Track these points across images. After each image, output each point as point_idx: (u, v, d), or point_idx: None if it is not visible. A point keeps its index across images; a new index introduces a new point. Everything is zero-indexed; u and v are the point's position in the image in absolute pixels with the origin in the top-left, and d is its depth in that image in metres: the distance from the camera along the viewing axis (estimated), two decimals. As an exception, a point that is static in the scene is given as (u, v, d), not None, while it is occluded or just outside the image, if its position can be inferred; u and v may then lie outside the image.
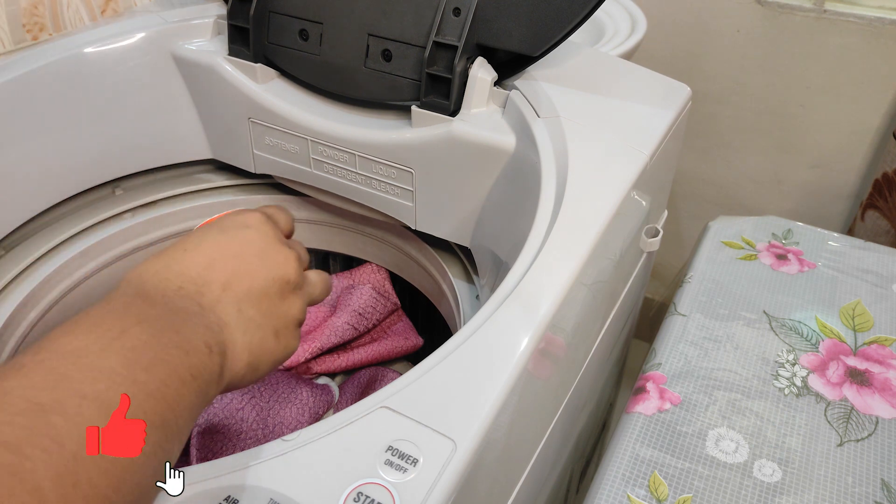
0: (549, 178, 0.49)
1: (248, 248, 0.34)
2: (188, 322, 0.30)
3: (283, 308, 0.35)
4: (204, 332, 0.30)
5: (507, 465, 0.42)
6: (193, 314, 0.30)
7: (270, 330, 0.34)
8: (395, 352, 0.69)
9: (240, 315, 0.32)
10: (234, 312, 0.32)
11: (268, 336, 0.34)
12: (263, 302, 0.34)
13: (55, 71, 0.59)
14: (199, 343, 0.29)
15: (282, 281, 0.35)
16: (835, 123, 1.01)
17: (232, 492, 0.31)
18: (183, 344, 0.28)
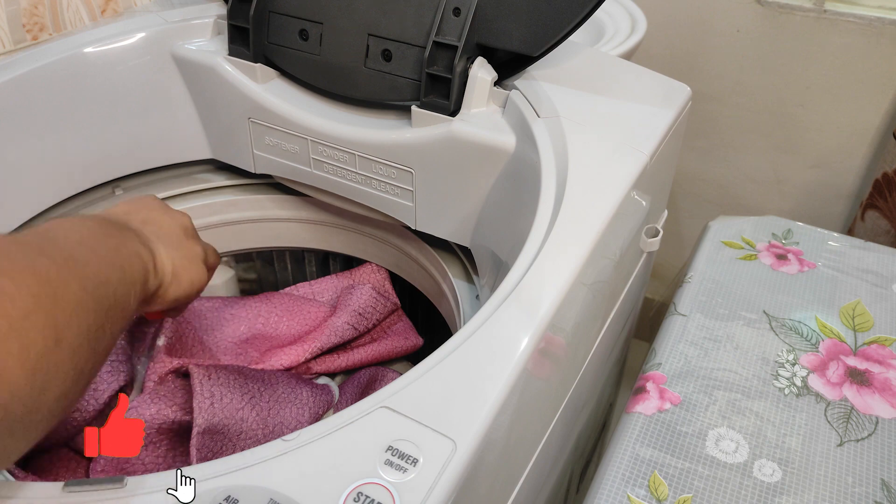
0: (549, 177, 0.49)
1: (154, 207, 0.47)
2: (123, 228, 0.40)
3: (187, 243, 0.46)
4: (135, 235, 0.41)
5: (507, 465, 0.42)
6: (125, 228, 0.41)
7: (184, 255, 0.44)
8: (395, 352, 0.69)
9: (158, 239, 0.43)
10: (154, 235, 0.43)
11: (182, 257, 0.44)
12: (173, 236, 0.45)
13: (55, 71, 0.59)
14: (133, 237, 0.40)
15: (183, 226, 0.47)
16: (835, 123, 1.01)
17: (232, 492, 0.31)
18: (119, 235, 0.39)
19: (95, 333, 0.31)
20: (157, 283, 0.41)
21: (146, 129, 0.66)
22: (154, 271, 0.41)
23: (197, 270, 0.46)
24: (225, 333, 0.65)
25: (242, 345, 0.65)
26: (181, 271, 0.43)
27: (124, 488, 0.32)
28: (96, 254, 0.34)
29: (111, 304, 0.33)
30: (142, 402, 0.53)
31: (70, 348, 0.29)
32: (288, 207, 0.72)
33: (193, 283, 0.45)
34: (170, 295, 0.43)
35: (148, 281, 0.39)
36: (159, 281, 0.41)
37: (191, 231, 0.48)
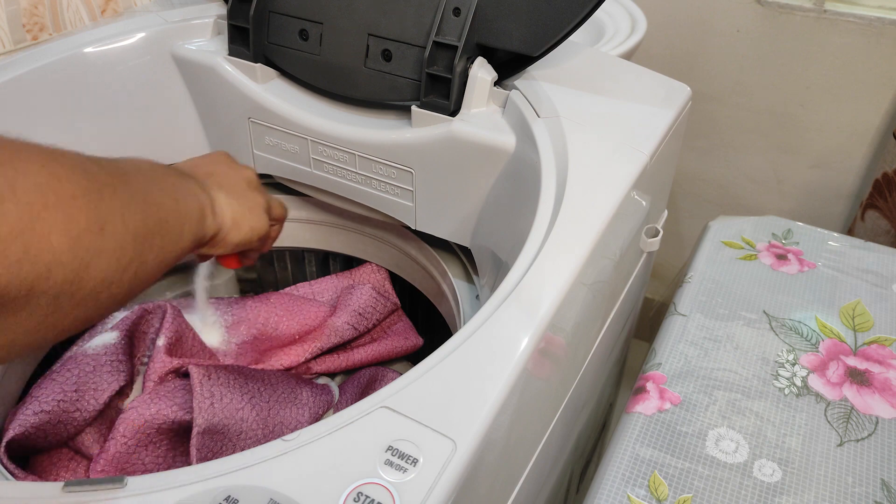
0: (549, 177, 0.49)
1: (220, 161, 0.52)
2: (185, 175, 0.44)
3: (250, 193, 0.50)
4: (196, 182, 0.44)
5: (507, 465, 0.42)
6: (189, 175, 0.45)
7: (244, 203, 0.48)
8: (395, 352, 0.69)
9: (220, 188, 0.47)
10: (216, 186, 0.47)
11: (242, 206, 0.48)
12: (235, 186, 0.49)
13: (55, 71, 0.59)
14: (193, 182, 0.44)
15: (247, 178, 0.51)
16: (835, 123, 1.01)
17: (232, 492, 0.31)
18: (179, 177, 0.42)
19: (142, 239, 0.34)
20: (215, 226, 0.45)
21: (146, 129, 0.66)
22: (212, 215, 0.45)
23: (257, 218, 0.49)
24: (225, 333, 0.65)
25: (242, 345, 0.65)
26: (241, 218, 0.47)
27: (124, 488, 0.32)
28: (151, 180, 0.38)
29: (161, 223, 0.37)
30: (142, 402, 0.53)
31: (113, 240, 0.32)
32: (288, 207, 0.72)
33: (254, 230, 0.49)
34: (231, 240, 0.47)
35: (205, 221, 0.43)
36: (218, 225, 0.45)
37: (254, 183, 0.52)
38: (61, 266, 0.29)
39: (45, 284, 0.29)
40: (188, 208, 0.42)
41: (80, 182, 0.31)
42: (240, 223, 0.48)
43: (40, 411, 0.51)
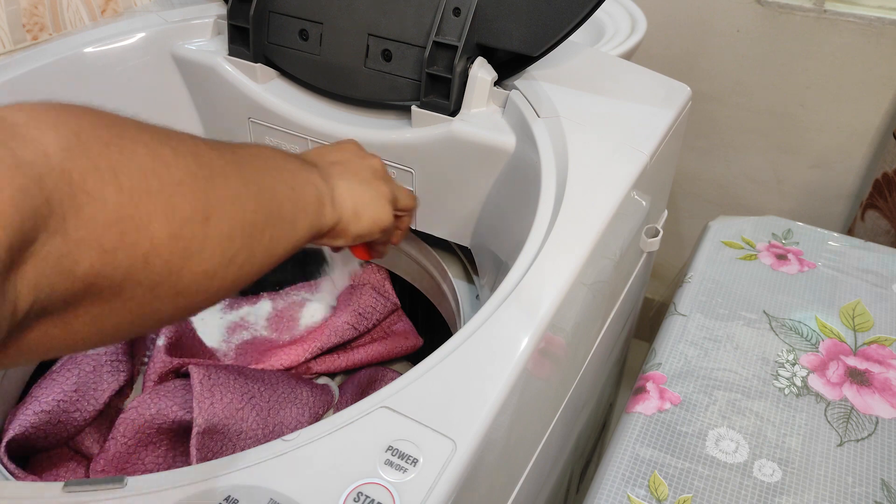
0: (549, 177, 0.49)
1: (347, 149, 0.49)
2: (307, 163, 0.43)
3: (375, 183, 0.47)
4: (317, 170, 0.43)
5: (507, 465, 0.42)
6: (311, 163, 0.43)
7: (367, 193, 0.46)
8: (395, 352, 0.69)
9: (342, 176, 0.45)
10: (338, 174, 0.45)
11: (365, 195, 0.46)
12: (359, 175, 0.46)
13: (55, 71, 0.59)
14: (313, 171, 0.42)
15: (372, 168, 0.48)
16: (835, 123, 1.01)
17: (232, 492, 0.31)
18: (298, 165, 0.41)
19: (251, 230, 0.33)
20: (334, 217, 0.43)
21: (146, 129, 0.66)
22: (331, 205, 0.42)
23: (380, 209, 0.47)
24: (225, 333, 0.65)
25: (242, 345, 0.65)
26: (362, 209, 0.45)
27: (124, 488, 0.32)
28: (267, 168, 0.36)
29: (275, 213, 0.35)
30: (142, 402, 0.53)
31: (219, 230, 0.30)
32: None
33: (376, 221, 0.46)
34: (352, 231, 0.45)
35: (323, 212, 0.41)
36: (337, 216, 0.43)
37: (380, 172, 0.49)
38: (160, 256, 0.27)
39: (140, 274, 0.27)
40: (305, 198, 0.39)
41: (188, 167, 0.29)
42: (361, 214, 0.45)
43: (40, 411, 0.51)
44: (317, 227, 0.41)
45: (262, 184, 0.35)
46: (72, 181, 0.24)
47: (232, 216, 0.31)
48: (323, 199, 0.42)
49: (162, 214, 0.27)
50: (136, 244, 0.26)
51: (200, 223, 0.29)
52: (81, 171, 0.24)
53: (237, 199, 0.32)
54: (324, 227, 0.42)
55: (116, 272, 0.26)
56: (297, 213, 0.38)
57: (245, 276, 0.34)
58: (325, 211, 0.42)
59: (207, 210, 0.30)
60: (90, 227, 0.24)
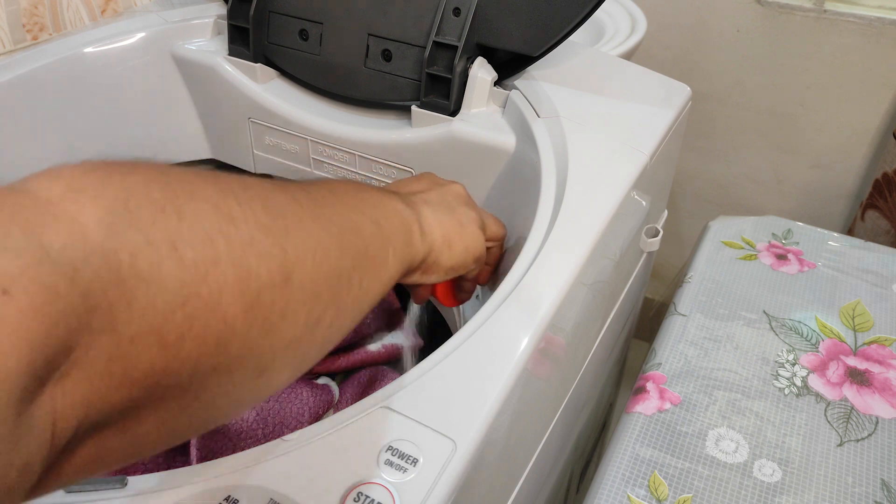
0: (549, 177, 0.49)
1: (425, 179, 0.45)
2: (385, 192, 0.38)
3: (460, 208, 0.43)
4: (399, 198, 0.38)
5: (507, 465, 0.42)
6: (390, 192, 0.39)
7: (454, 219, 0.41)
8: (395, 352, 0.69)
9: (426, 203, 0.41)
10: (421, 202, 0.41)
11: (453, 221, 0.41)
12: (443, 201, 0.42)
13: (55, 71, 0.59)
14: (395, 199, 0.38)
15: (455, 193, 0.44)
16: (835, 123, 1.01)
17: (232, 492, 0.31)
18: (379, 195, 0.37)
19: (338, 281, 0.28)
20: (425, 248, 0.38)
21: (146, 129, 0.66)
22: (421, 234, 0.38)
23: (472, 236, 0.42)
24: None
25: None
26: (453, 236, 0.40)
27: (124, 488, 0.32)
28: (346, 204, 0.32)
29: (361, 255, 0.31)
30: (142, 402, 0.53)
31: (302, 289, 0.26)
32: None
33: (469, 250, 0.42)
34: (444, 263, 0.40)
35: (412, 242, 0.37)
36: (428, 246, 0.39)
37: (464, 198, 0.45)
38: (236, 336, 0.23)
39: (214, 360, 0.22)
40: (392, 229, 0.35)
41: (258, 220, 0.25)
42: (452, 242, 0.40)
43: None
44: (408, 260, 0.36)
45: (344, 224, 0.30)
46: (119, 264, 0.19)
47: (315, 270, 0.27)
48: (411, 227, 0.37)
49: (234, 285, 0.23)
50: (206, 328, 0.22)
51: (281, 287, 0.25)
52: (131, 248, 0.20)
53: (319, 247, 0.27)
54: (415, 260, 0.38)
55: (184, 366, 0.21)
56: (385, 248, 0.33)
57: (334, 336, 0.30)
58: (414, 241, 0.37)
59: (287, 269, 0.25)
60: (147, 318, 0.20)
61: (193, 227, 0.22)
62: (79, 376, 0.19)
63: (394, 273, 0.34)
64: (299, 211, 0.27)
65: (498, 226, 0.48)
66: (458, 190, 0.45)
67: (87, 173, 0.21)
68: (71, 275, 0.18)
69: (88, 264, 0.19)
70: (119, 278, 0.19)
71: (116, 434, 0.21)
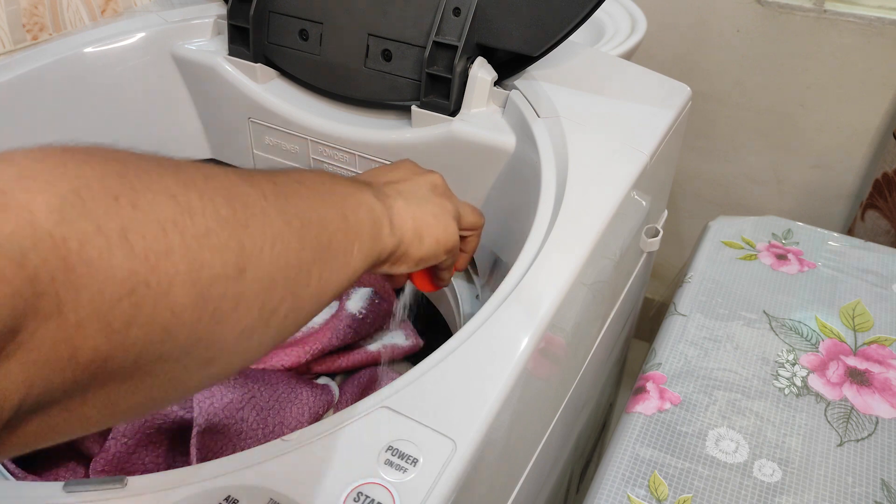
0: (549, 177, 0.49)
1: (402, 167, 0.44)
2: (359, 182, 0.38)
3: (435, 199, 0.42)
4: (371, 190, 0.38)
5: (507, 465, 0.42)
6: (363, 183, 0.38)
7: (428, 210, 0.41)
8: (395, 352, 0.69)
9: (399, 195, 0.40)
10: (394, 191, 0.40)
11: (426, 213, 0.40)
12: (418, 192, 0.41)
13: (55, 71, 0.59)
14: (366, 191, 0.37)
15: (432, 183, 0.43)
16: (835, 123, 1.01)
17: (232, 492, 0.31)
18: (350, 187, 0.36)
19: (296, 274, 0.28)
20: (395, 241, 0.38)
21: (146, 129, 0.66)
22: (390, 227, 0.37)
23: (444, 227, 0.41)
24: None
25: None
26: (424, 228, 0.40)
27: (124, 488, 0.32)
28: (316, 196, 0.32)
29: (324, 248, 0.31)
30: (142, 402, 0.53)
31: (257, 282, 0.26)
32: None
33: (440, 242, 0.41)
34: (413, 254, 0.39)
35: (381, 235, 0.36)
36: (398, 239, 0.38)
37: (440, 188, 0.44)
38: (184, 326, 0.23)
39: (161, 348, 0.23)
40: (359, 222, 0.34)
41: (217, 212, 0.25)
42: (423, 234, 0.40)
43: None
44: (374, 254, 0.36)
45: (308, 216, 0.30)
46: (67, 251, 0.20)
47: (272, 262, 0.27)
48: (379, 221, 0.37)
49: (185, 276, 0.23)
50: (153, 317, 0.22)
51: (234, 279, 0.25)
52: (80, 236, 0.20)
53: (278, 239, 0.27)
54: (383, 253, 0.37)
55: (129, 352, 0.22)
56: (351, 242, 0.33)
57: (290, 327, 0.30)
58: (382, 234, 0.37)
59: (242, 261, 0.25)
60: (93, 305, 0.20)
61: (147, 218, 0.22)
62: (23, 358, 0.19)
63: (359, 266, 0.34)
64: (262, 203, 0.27)
65: (474, 215, 0.47)
66: (434, 180, 0.44)
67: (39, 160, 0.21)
68: (19, 260, 0.19)
69: (37, 250, 0.19)
70: (67, 265, 0.20)
71: (61, 412, 0.22)
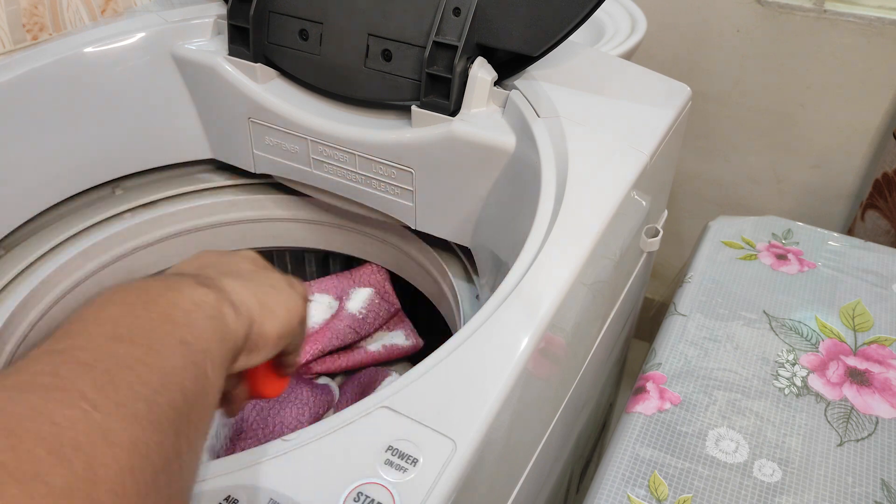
0: (549, 177, 0.49)
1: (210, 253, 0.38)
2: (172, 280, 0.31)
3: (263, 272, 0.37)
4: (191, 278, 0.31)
5: (507, 465, 0.42)
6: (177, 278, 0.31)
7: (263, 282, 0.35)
8: (395, 352, 0.69)
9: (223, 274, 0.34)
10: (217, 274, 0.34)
11: (262, 285, 0.35)
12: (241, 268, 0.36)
13: (55, 71, 0.59)
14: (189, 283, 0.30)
15: (250, 258, 0.38)
16: (835, 123, 1.01)
17: (232, 492, 0.31)
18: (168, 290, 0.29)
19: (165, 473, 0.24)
20: (244, 323, 0.32)
21: (146, 129, 0.66)
22: (233, 311, 0.31)
23: (287, 296, 0.36)
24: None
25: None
26: (269, 300, 0.34)
27: (124, 488, 0.32)
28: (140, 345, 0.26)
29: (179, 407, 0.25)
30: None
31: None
32: (288, 207, 0.72)
33: (291, 311, 0.35)
34: (268, 331, 0.33)
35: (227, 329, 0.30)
36: (247, 320, 0.32)
37: (259, 261, 0.39)
38: None
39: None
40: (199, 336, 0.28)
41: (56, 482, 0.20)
42: (270, 306, 0.34)
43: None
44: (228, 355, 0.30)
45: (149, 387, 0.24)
46: None
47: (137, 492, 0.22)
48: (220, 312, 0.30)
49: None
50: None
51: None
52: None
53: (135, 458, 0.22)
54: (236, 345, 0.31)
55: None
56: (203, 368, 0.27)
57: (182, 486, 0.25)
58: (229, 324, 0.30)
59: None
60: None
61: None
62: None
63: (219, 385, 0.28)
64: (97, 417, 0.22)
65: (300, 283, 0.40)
66: (250, 255, 0.39)
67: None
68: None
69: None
70: None
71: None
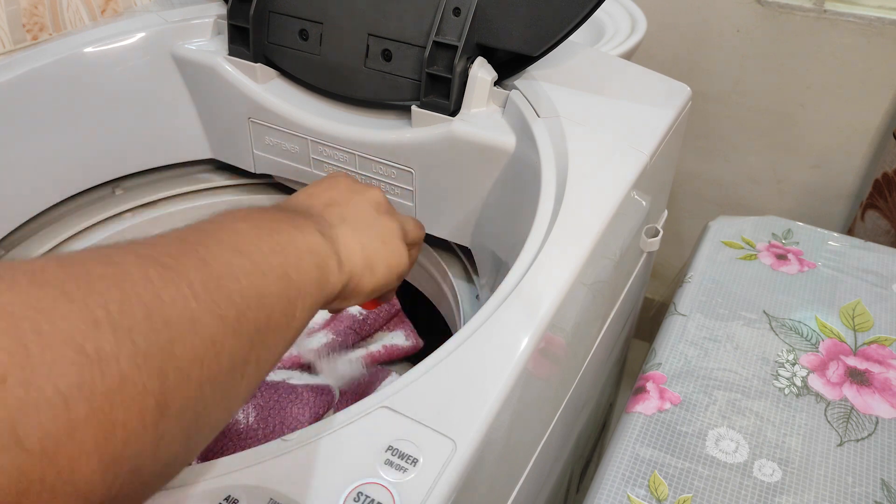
0: (549, 177, 0.49)
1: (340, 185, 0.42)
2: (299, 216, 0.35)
3: (381, 220, 0.40)
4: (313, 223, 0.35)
5: (507, 465, 0.42)
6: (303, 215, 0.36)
7: (375, 235, 0.39)
8: (395, 353, 0.69)
9: (343, 221, 0.38)
10: (338, 218, 0.38)
11: (374, 239, 0.38)
12: (363, 215, 0.39)
13: (55, 71, 0.59)
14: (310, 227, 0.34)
15: (375, 202, 0.41)
16: (835, 123, 1.01)
17: (232, 492, 0.31)
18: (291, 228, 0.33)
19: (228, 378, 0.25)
20: (344, 278, 0.35)
21: (146, 129, 0.66)
22: (338, 264, 0.34)
23: (393, 251, 0.40)
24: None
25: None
26: (374, 257, 0.38)
27: (124, 488, 0.32)
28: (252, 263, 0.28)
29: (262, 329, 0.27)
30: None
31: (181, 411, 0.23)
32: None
33: (392, 268, 0.39)
34: (365, 287, 0.37)
35: (328, 280, 0.33)
36: (347, 275, 0.35)
37: (384, 206, 0.42)
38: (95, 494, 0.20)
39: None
40: (304, 275, 0.31)
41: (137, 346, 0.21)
42: (374, 264, 0.37)
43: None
44: (321, 301, 0.33)
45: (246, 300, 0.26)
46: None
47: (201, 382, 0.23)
48: (327, 262, 0.34)
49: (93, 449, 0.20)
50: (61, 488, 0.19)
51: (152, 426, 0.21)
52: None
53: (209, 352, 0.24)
54: (332, 295, 0.34)
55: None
56: (293, 304, 0.30)
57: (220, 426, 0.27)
58: (330, 277, 0.34)
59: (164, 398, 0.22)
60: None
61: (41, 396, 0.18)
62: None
63: (302, 324, 0.31)
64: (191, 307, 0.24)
65: (417, 228, 0.46)
66: (376, 197, 0.42)
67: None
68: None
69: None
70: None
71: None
